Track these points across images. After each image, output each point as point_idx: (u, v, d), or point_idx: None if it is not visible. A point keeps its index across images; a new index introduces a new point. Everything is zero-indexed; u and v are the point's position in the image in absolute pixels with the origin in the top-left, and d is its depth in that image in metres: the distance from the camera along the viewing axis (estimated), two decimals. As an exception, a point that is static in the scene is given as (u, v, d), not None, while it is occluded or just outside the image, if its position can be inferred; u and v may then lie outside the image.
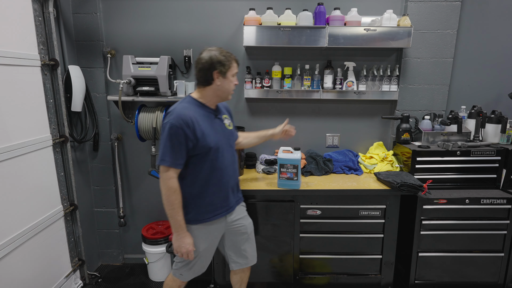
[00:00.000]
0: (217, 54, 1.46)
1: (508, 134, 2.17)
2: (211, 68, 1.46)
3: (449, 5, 2.21)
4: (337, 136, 2.48)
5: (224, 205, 1.62)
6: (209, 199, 1.56)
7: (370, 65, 2.31)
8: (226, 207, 1.63)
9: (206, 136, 1.47)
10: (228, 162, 1.59)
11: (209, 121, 1.53)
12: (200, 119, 1.47)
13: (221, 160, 1.54)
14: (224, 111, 1.70)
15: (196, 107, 1.51)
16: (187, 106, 1.49)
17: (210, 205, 1.57)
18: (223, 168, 1.56)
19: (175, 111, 1.44)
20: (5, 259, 1.62)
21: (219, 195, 1.59)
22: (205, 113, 1.53)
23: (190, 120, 1.42)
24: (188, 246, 1.51)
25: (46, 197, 1.94)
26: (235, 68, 1.54)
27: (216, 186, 1.56)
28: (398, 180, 1.92)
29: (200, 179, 1.53)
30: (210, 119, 1.54)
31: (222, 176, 1.57)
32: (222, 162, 1.55)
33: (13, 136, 1.67)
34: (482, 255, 2.04)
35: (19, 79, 1.72)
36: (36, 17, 1.84)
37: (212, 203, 1.58)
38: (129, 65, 2.15)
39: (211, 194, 1.56)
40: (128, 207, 2.61)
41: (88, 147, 2.44)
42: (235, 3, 2.28)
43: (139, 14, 2.30)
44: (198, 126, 1.45)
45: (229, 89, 1.55)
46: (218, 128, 1.57)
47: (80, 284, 2.28)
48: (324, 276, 2.12)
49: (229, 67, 1.50)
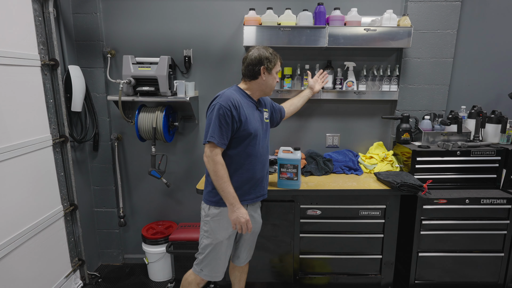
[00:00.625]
0: (265, 51, 1.60)
1: (508, 134, 2.17)
2: (259, 63, 1.59)
3: (449, 5, 2.21)
4: (337, 136, 2.48)
5: (252, 192, 1.67)
6: (240, 184, 1.62)
7: (370, 65, 2.31)
8: (254, 195, 1.68)
9: (248, 122, 1.57)
10: (263, 151, 1.68)
11: (251, 110, 1.63)
12: (246, 105, 1.59)
13: (257, 147, 1.63)
14: (266, 105, 1.81)
15: (241, 95, 1.62)
16: (234, 92, 1.60)
17: (239, 189, 1.61)
18: (258, 155, 1.64)
19: (224, 94, 1.56)
20: (5, 259, 1.62)
21: (250, 181, 1.65)
22: (248, 102, 1.64)
23: (237, 103, 1.53)
24: (246, 216, 1.56)
25: (46, 197, 1.94)
26: (279, 66, 1.67)
27: (249, 172, 1.63)
28: (398, 180, 1.92)
29: (235, 162, 1.60)
30: (252, 108, 1.65)
31: (256, 163, 1.64)
32: (258, 150, 1.64)
33: (13, 136, 1.67)
34: (482, 255, 2.04)
35: (19, 79, 1.72)
36: (36, 17, 1.84)
37: (242, 188, 1.63)
38: (129, 65, 2.15)
39: (243, 178, 1.62)
40: (128, 207, 2.61)
41: (88, 147, 2.44)
42: (235, 3, 2.28)
43: (139, 14, 2.30)
44: (243, 110, 1.56)
45: (272, 85, 1.66)
46: (258, 118, 1.67)
47: (80, 284, 2.28)
48: (324, 276, 2.12)
49: (274, 64, 1.63)
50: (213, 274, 1.70)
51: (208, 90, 2.40)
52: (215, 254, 1.66)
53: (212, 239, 1.64)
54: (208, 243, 1.65)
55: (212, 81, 2.39)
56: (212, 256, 1.66)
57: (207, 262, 1.67)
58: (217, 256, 1.67)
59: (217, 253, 1.66)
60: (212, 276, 1.70)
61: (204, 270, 1.69)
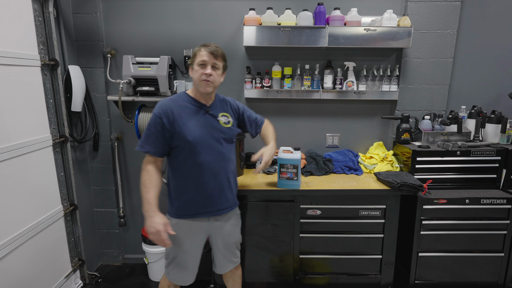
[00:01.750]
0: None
1: (508, 134, 2.17)
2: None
3: (449, 5, 2.21)
4: (337, 136, 2.48)
5: (206, 205, 1.57)
6: (188, 195, 1.55)
7: (370, 65, 2.31)
8: (210, 208, 1.58)
9: (186, 129, 1.47)
10: (212, 159, 1.54)
11: (194, 115, 1.52)
12: (184, 111, 1.50)
13: (203, 156, 1.51)
14: (226, 110, 1.66)
15: (184, 101, 1.54)
16: (174, 98, 1.54)
17: (189, 202, 1.55)
18: (205, 164, 1.52)
19: (160, 101, 1.52)
20: (5, 259, 1.62)
21: (200, 192, 1.55)
22: (192, 107, 1.53)
23: (170, 110, 1.47)
24: (157, 226, 1.41)
25: (46, 197, 1.94)
26: (200, 56, 1.47)
27: (196, 183, 1.53)
28: (398, 180, 1.92)
29: (180, 172, 1.54)
30: (198, 114, 1.54)
31: (203, 173, 1.53)
32: (205, 158, 1.52)
33: (13, 136, 1.67)
34: (482, 255, 2.04)
35: (19, 79, 1.72)
36: (36, 17, 1.84)
37: (191, 200, 1.55)
38: (129, 65, 2.15)
39: (190, 190, 1.54)
40: (128, 207, 2.61)
41: (88, 147, 2.44)
42: (235, 3, 2.28)
43: (139, 14, 2.30)
44: (180, 117, 1.47)
45: (195, 79, 1.51)
46: (206, 123, 1.54)
47: (80, 284, 2.28)
48: (324, 276, 2.12)
49: (194, 56, 1.50)
50: (178, 278, 1.66)
51: (208, 90, 2.40)
52: (178, 261, 1.63)
53: (171, 249, 1.60)
54: (168, 252, 1.63)
55: (212, 81, 2.39)
56: (175, 263, 1.63)
57: (172, 267, 1.64)
58: (180, 264, 1.63)
59: (179, 261, 1.62)
60: (178, 280, 1.66)
61: (171, 274, 1.66)
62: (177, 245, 1.59)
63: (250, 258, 2.08)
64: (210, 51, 1.47)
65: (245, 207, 1.99)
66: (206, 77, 1.47)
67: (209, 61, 1.47)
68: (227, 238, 1.70)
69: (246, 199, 1.99)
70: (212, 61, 1.48)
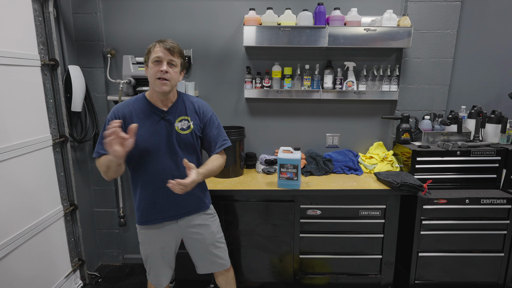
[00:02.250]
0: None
1: (508, 134, 2.17)
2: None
3: (449, 5, 2.21)
4: (337, 136, 2.48)
5: (157, 212, 1.52)
6: (140, 203, 1.52)
7: (370, 65, 2.31)
8: (163, 215, 1.53)
9: (137, 136, 1.31)
10: (165, 168, 1.46)
11: (148, 121, 1.43)
12: (138, 117, 1.41)
13: (153, 164, 1.45)
14: (188, 113, 1.51)
15: (140, 104, 1.46)
16: (129, 101, 1.47)
17: (142, 209, 1.53)
18: (156, 173, 1.45)
19: (115, 106, 1.46)
20: (5, 259, 1.62)
21: (149, 201, 1.50)
22: (148, 112, 1.44)
23: (122, 116, 1.41)
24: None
25: (46, 197, 1.94)
26: (155, 53, 1.36)
27: (146, 191, 1.49)
28: (398, 180, 1.92)
29: (133, 179, 1.52)
30: (152, 119, 1.44)
31: (153, 182, 1.47)
32: (156, 167, 1.45)
33: (13, 136, 1.67)
34: (482, 255, 2.04)
35: (19, 79, 1.72)
36: (36, 17, 1.84)
37: (143, 208, 1.52)
38: (129, 65, 2.15)
39: (141, 198, 1.51)
40: (128, 207, 2.61)
41: (88, 147, 2.44)
42: (235, 3, 2.28)
43: (139, 14, 2.30)
44: (131, 122, 1.38)
45: (150, 78, 1.39)
46: (161, 130, 1.44)
47: (80, 284, 2.28)
48: (324, 276, 2.12)
49: (149, 53, 1.39)
50: (155, 281, 1.65)
51: (208, 90, 2.40)
52: (150, 265, 1.62)
53: (142, 252, 1.61)
54: (142, 255, 1.63)
55: (212, 81, 2.39)
56: (148, 265, 1.63)
57: (148, 269, 1.65)
58: (153, 267, 1.62)
59: (150, 263, 1.62)
60: (155, 282, 1.65)
61: (150, 275, 1.66)
62: (145, 249, 1.59)
63: (250, 258, 2.09)
64: (166, 47, 1.36)
65: (245, 207, 1.99)
66: (162, 74, 1.35)
67: (164, 58, 1.36)
68: (201, 239, 1.63)
69: (246, 199, 1.99)
70: (168, 57, 1.37)
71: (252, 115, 2.46)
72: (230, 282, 1.82)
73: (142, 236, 1.59)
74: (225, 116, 2.44)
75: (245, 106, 2.44)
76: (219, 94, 2.40)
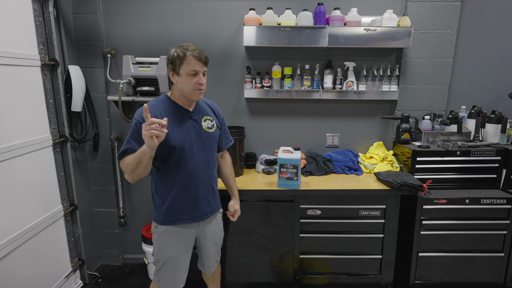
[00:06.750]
0: (172, 51, 1.40)
1: (508, 134, 2.17)
2: (167, 66, 1.45)
3: (449, 5, 2.21)
4: (337, 136, 2.48)
5: (192, 211, 1.56)
6: (173, 202, 1.52)
7: (370, 65, 2.31)
8: (195, 214, 1.57)
9: (170, 136, 1.40)
10: (198, 166, 1.52)
11: (178, 121, 1.47)
12: (167, 117, 1.41)
13: (189, 163, 1.49)
14: (209, 113, 1.62)
15: (167, 105, 1.48)
16: (155, 103, 1.47)
17: (175, 209, 1.53)
18: (191, 172, 1.50)
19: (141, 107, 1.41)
20: (5, 259, 1.62)
21: (185, 199, 1.53)
22: (175, 112, 1.48)
23: (154, 116, 1.40)
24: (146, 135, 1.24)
25: (46, 197, 1.94)
26: (190, 66, 1.38)
27: (182, 190, 1.51)
28: (398, 180, 1.92)
29: (165, 180, 1.51)
30: (181, 119, 1.48)
31: (190, 180, 1.51)
32: (191, 165, 1.49)
33: (13, 136, 1.67)
34: (482, 255, 2.04)
35: (19, 79, 1.72)
36: (36, 17, 1.84)
37: (177, 207, 1.53)
38: (129, 65, 2.15)
39: (176, 197, 1.51)
40: (128, 207, 2.61)
41: (88, 147, 2.44)
42: (235, 3, 2.28)
43: (139, 14, 2.30)
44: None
45: (184, 89, 1.43)
46: (191, 129, 1.50)
47: (80, 284, 2.28)
48: (324, 276, 2.12)
49: (180, 65, 1.39)
50: (170, 285, 1.63)
51: (208, 90, 2.40)
52: (167, 268, 1.60)
53: (161, 256, 1.59)
54: (157, 259, 1.61)
55: (212, 81, 2.39)
56: (165, 269, 1.61)
57: (162, 274, 1.62)
58: (170, 270, 1.60)
59: (169, 267, 1.60)
60: (169, 285, 1.64)
61: (161, 281, 1.63)
62: (167, 251, 1.58)
63: (250, 258, 2.09)
64: (201, 60, 1.40)
65: (245, 207, 1.99)
66: (200, 86, 1.43)
67: (200, 70, 1.41)
68: (215, 238, 1.71)
69: (246, 199, 1.99)
70: (203, 69, 1.43)
71: (252, 115, 2.46)
72: (216, 277, 1.87)
73: (163, 239, 1.57)
74: (225, 116, 2.41)
75: (245, 106, 2.44)
76: (219, 94, 2.40)
